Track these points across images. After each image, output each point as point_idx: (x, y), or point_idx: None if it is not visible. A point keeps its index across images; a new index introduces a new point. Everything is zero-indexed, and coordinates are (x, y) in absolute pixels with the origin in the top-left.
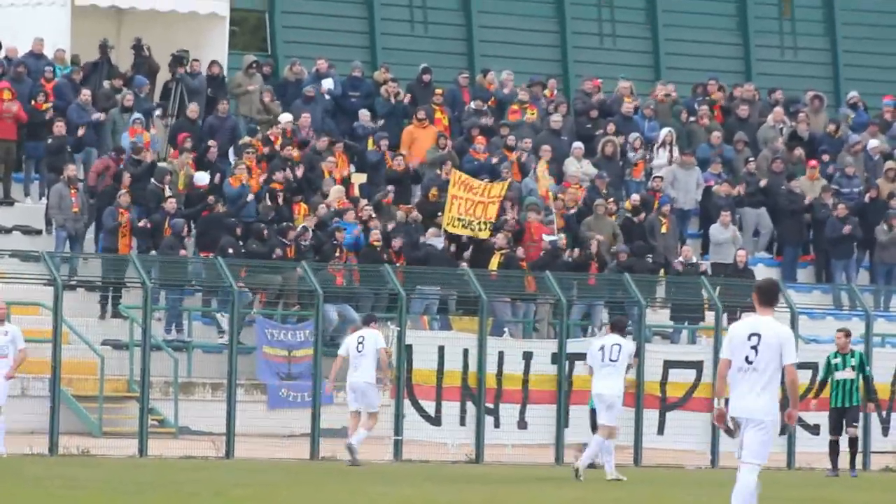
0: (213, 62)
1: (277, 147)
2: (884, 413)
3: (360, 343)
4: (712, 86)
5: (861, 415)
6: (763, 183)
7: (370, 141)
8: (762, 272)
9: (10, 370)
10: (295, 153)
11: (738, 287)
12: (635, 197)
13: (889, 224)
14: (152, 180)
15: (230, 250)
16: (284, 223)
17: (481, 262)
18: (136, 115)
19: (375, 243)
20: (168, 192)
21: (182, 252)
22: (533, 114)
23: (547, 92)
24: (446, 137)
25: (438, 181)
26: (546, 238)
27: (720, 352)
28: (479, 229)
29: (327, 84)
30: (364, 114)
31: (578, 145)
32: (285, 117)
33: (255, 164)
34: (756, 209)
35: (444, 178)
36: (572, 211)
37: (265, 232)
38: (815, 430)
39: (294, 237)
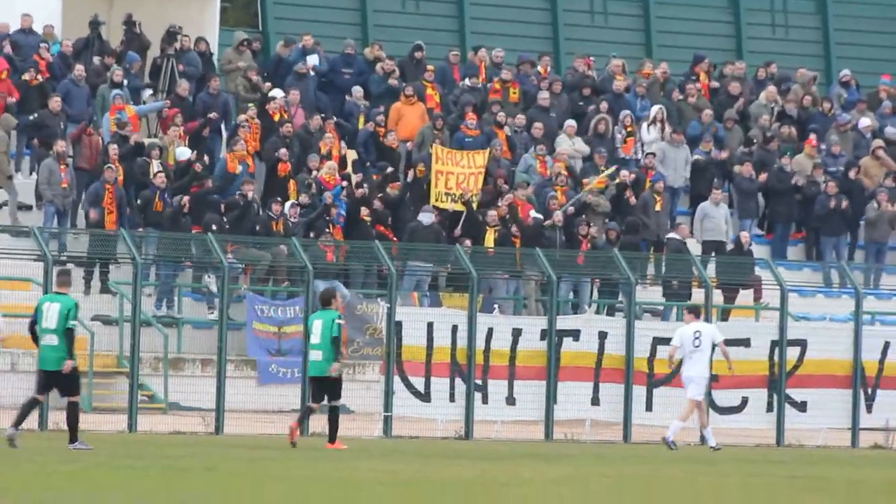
0: (200, 39)
1: (276, 121)
2: (869, 390)
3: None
4: (704, 64)
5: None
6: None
7: (361, 118)
8: (754, 250)
9: None
10: (291, 130)
11: (734, 266)
12: (625, 173)
13: (878, 201)
14: (143, 157)
15: (214, 227)
16: (272, 198)
17: (476, 239)
18: (117, 91)
19: (365, 218)
20: (156, 168)
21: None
22: (515, 92)
23: (540, 69)
24: (439, 115)
25: (427, 159)
26: (532, 214)
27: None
28: (461, 202)
29: (312, 60)
30: (357, 90)
31: (571, 123)
32: (277, 93)
33: (254, 140)
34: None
35: (429, 154)
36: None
37: (246, 201)
38: (801, 406)
39: (280, 212)
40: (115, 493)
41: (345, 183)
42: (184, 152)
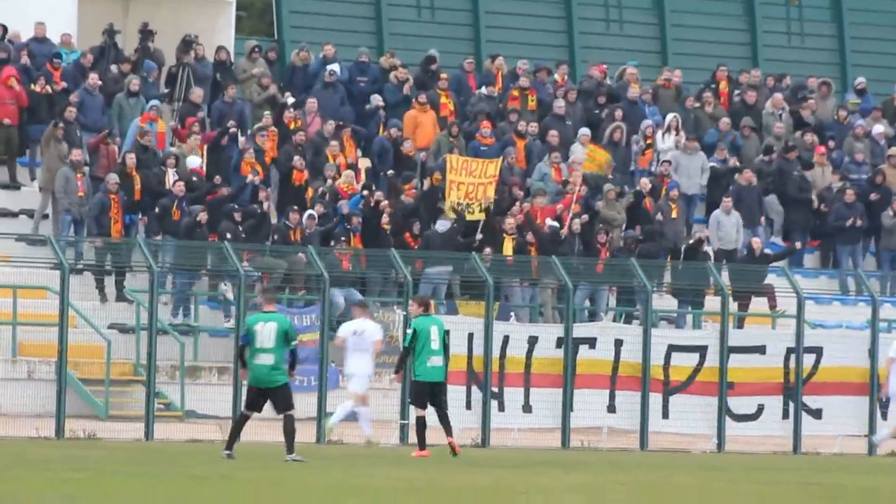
0: (221, 48)
1: (291, 129)
2: (884, 398)
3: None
4: (721, 73)
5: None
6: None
7: (381, 127)
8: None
9: None
10: (304, 138)
11: (748, 273)
12: (644, 181)
13: (894, 210)
14: (160, 166)
15: (228, 235)
16: (289, 207)
17: (494, 248)
18: (153, 102)
19: (385, 227)
20: (173, 176)
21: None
22: (533, 100)
23: (557, 77)
24: (454, 124)
25: (441, 166)
26: (548, 222)
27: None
28: (478, 211)
29: (333, 69)
30: (376, 98)
31: (585, 131)
32: (290, 101)
33: (270, 147)
34: (765, 196)
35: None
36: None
37: (262, 209)
38: (817, 414)
39: (298, 221)
40: (131, 501)
41: (365, 192)
42: (194, 160)
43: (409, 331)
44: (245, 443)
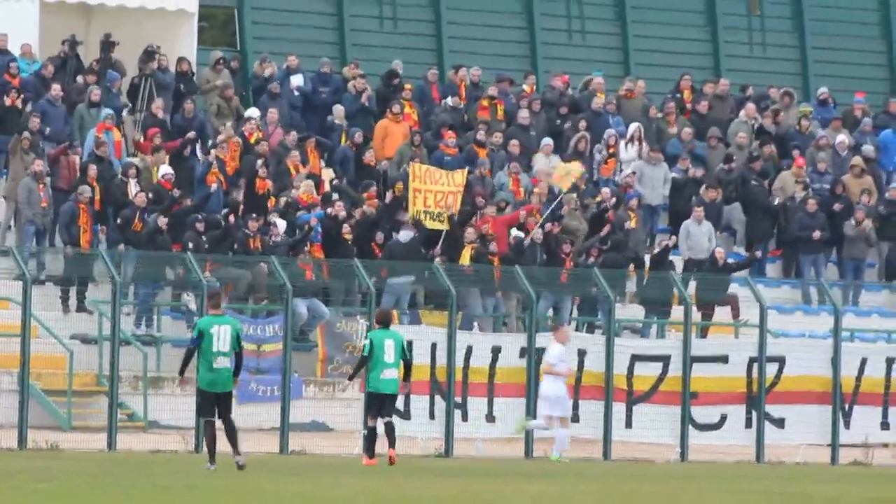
0: (182, 59)
1: (252, 142)
2: (846, 406)
3: None
4: (685, 82)
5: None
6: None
7: (343, 136)
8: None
9: None
10: (267, 149)
11: (713, 283)
12: (606, 191)
13: (856, 219)
14: (119, 176)
15: (191, 245)
16: (249, 214)
17: (453, 258)
18: (107, 110)
19: (347, 237)
20: (135, 187)
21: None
22: (501, 110)
23: (526, 87)
24: (420, 133)
25: (403, 176)
26: (513, 233)
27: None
28: (446, 219)
29: (297, 80)
30: (339, 109)
31: (548, 141)
32: (252, 112)
33: (231, 159)
34: (728, 205)
35: (406, 172)
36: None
37: (227, 220)
38: (780, 423)
39: (257, 229)
40: None
41: (329, 209)
42: (167, 172)
43: (367, 341)
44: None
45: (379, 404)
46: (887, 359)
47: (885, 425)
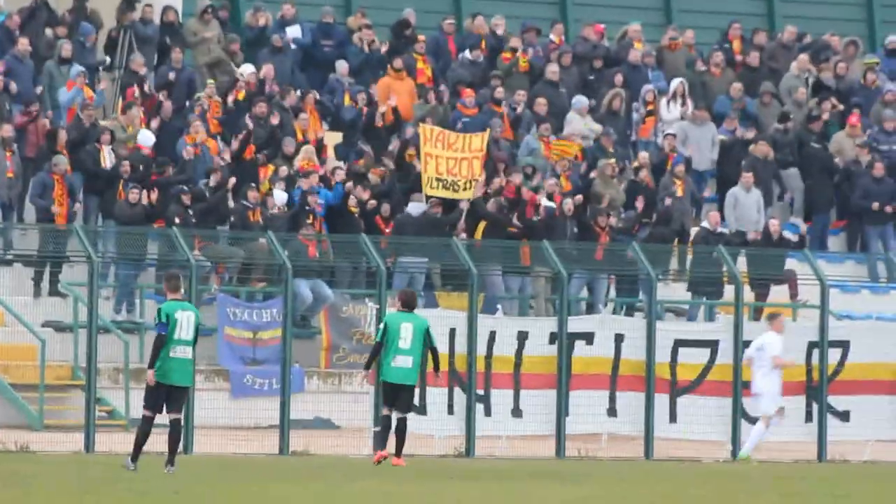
0: (168, 7)
1: (231, 103)
2: None
3: None
4: (734, 31)
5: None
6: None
7: (346, 96)
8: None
9: None
10: (264, 109)
11: (765, 258)
12: (643, 155)
13: None
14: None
15: (177, 220)
16: (247, 184)
17: (474, 231)
18: (78, 67)
19: (353, 210)
20: (108, 155)
21: None
22: (525, 62)
23: (554, 37)
24: (429, 90)
25: (416, 140)
26: (544, 202)
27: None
28: (464, 188)
29: (293, 32)
30: (341, 65)
31: (584, 100)
32: (247, 68)
33: (215, 121)
34: (785, 170)
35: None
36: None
37: (213, 191)
38: (844, 416)
39: (257, 201)
40: None
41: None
42: (147, 138)
43: (381, 325)
44: (199, 454)
45: (393, 396)
46: None
47: None
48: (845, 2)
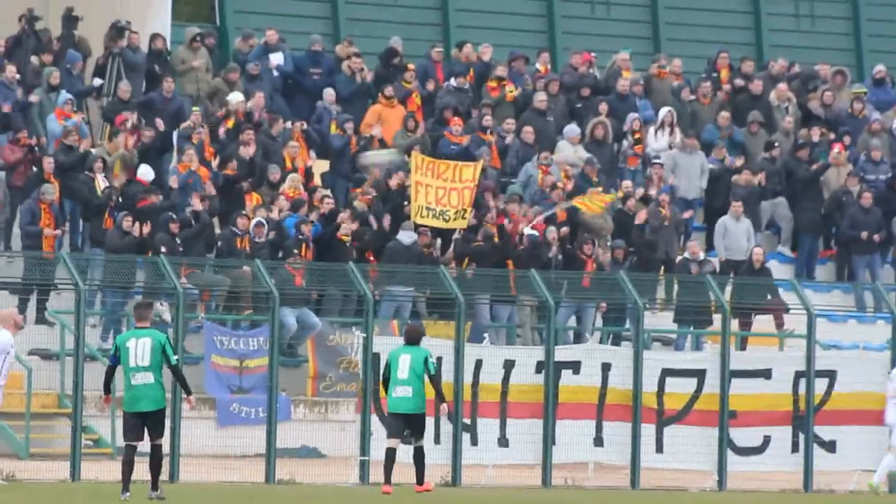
0: (157, 35)
1: (222, 133)
2: None
3: None
4: (722, 60)
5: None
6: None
7: (333, 125)
8: (777, 270)
9: None
10: (251, 136)
11: (752, 288)
12: (627, 183)
13: None
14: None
15: (163, 248)
16: (237, 212)
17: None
18: (66, 94)
19: (344, 238)
20: (102, 183)
21: None
22: (513, 91)
23: (540, 66)
24: (415, 119)
25: (405, 168)
26: (526, 231)
27: None
28: (454, 218)
29: (276, 59)
30: (329, 93)
31: (575, 129)
32: (235, 97)
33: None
34: (772, 199)
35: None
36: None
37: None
38: (830, 446)
39: (246, 229)
40: None
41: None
42: (147, 172)
43: (387, 360)
44: (185, 483)
45: (397, 426)
46: None
47: None
48: (833, 31)
